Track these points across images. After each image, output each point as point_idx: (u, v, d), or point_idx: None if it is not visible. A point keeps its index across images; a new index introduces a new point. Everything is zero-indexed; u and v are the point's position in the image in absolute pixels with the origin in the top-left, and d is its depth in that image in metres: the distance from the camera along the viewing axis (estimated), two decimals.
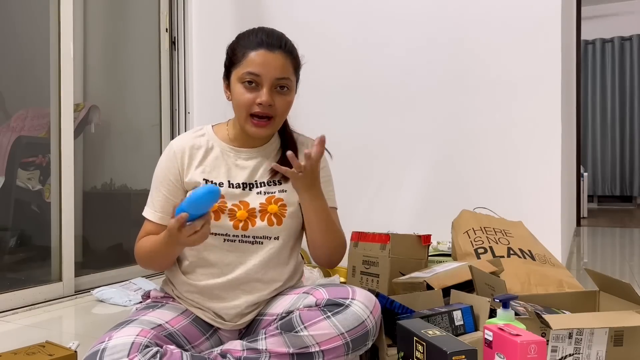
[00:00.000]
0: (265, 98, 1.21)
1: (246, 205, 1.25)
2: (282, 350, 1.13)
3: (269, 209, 1.25)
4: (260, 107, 1.21)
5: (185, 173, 1.28)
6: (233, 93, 1.26)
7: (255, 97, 1.21)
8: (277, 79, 1.22)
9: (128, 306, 2.16)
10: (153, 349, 1.06)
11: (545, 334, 1.14)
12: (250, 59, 1.22)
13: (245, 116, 1.23)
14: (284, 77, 1.23)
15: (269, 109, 1.22)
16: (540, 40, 2.43)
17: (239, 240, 1.25)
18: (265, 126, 1.24)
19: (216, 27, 3.12)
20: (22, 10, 2.65)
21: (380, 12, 2.74)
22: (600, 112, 7.72)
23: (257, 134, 1.25)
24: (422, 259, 1.97)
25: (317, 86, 2.83)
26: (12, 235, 2.49)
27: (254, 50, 1.22)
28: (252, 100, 1.21)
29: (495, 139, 2.51)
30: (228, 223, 1.24)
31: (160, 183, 1.29)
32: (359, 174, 2.76)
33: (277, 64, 1.22)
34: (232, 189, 1.27)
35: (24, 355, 1.34)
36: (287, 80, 1.24)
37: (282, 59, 1.23)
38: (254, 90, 1.22)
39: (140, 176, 2.97)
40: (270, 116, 1.23)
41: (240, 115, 1.25)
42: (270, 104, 1.22)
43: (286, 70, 1.24)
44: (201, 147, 1.30)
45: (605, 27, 7.58)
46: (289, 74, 1.25)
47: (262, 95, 1.21)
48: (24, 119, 2.62)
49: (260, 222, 1.25)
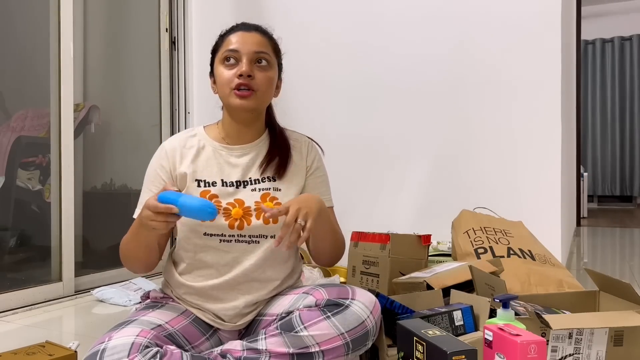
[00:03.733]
0: (245, 68, 1.23)
1: (241, 203, 1.25)
2: (282, 351, 1.13)
3: (264, 206, 1.24)
4: (241, 78, 1.23)
5: (178, 177, 1.27)
6: (217, 77, 1.29)
7: (235, 71, 1.24)
8: (256, 52, 1.25)
9: (128, 306, 2.16)
10: (153, 350, 1.06)
11: (545, 334, 1.14)
12: (229, 40, 1.28)
13: (229, 92, 1.25)
14: (262, 50, 1.27)
15: (250, 80, 1.24)
16: (540, 41, 2.43)
17: (235, 240, 1.24)
18: (248, 96, 1.24)
19: (216, 27, 3.08)
20: (22, 10, 2.65)
21: (381, 12, 2.74)
22: (600, 112, 7.72)
23: (242, 105, 1.25)
24: (422, 259, 1.97)
25: (317, 85, 2.83)
26: (12, 235, 2.49)
27: (232, 33, 1.30)
28: (233, 75, 1.24)
29: (495, 139, 2.51)
30: (223, 223, 1.23)
31: (152, 182, 1.29)
32: (359, 174, 2.76)
33: (254, 40, 1.27)
34: (225, 187, 1.26)
35: (24, 355, 1.34)
36: (265, 55, 1.27)
37: (259, 36, 1.29)
38: (234, 66, 1.25)
39: (140, 176, 2.93)
40: (252, 89, 1.24)
41: (224, 94, 1.27)
42: (249, 74, 1.23)
43: (264, 46, 1.28)
44: (193, 146, 1.30)
45: (605, 27, 7.58)
46: (267, 50, 1.28)
47: (242, 67, 1.24)
48: (24, 119, 2.62)
49: (256, 220, 1.24)
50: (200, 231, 1.24)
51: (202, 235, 1.24)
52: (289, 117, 1.40)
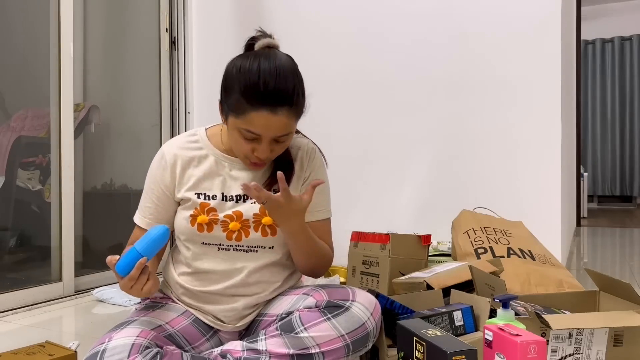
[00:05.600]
0: (264, 156, 1.16)
1: (239, 215, 1.22)
2: (283, 351, 1.12)
3: (263, 220, 1.22)
4: (257, 158, 1.18)
5: (177, 188, 1.25)
6: (230, 132, 1.19)
7: (253, 148, 1.16)
8: (278, 136, 1.15)
9: (128, 306, 2.15)
10: (153, 350, 1.06)
11: (545, 334, 1.14)
12: (250, 119, 1.11)
13: (243, 157, 1.21)
14: (285, 134, 1.16)
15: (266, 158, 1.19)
16: (540, 40, 2.43)
17: (233, 249, 1.23)
18: (262, 166, 1.22)
19: (216, 27, 3.12)
20: (22, 10, 2.65)
21: (381, 12, 2.74)
22: (600, 112, 7.72)
23: (253, 169, 1.24)
24: (422, 259, 1.97)
25: (316, 85, 2.81)
26: (12, 235, 2.49)
27: (254, 110, 1.10)
28: (250, 151, 1.17)
29: (496, 139, 2.51)
30: (221, 234, 1.22)
31: (151, 190, 1.27)
32: (359, 174, 2.76)
33: (280, 124, 1.12)
34: (225, 202, 1.24)
35: (24, 355, 1.34)
36: (287, 136, 1.17)
37: (286, 118, 1.12)
38: (252, 141, 1.15)
39: (140, 176, 2.94)
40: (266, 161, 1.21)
41: (238, 154, 1.21)
42: (267, 156, 1.18)
43: (289, 127, 1.15)
44: (194, 157, 1.26)
45: (605, 27, 7.58)
46: (291, 128, 1.17)
47: (260, 152, 1.15)
48: (24, 119, 2.62)
49: (254, 232, 1.22)
50: (197, 241, 1.23)
51: (201, 244, 1.24)
52: None
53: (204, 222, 1.21)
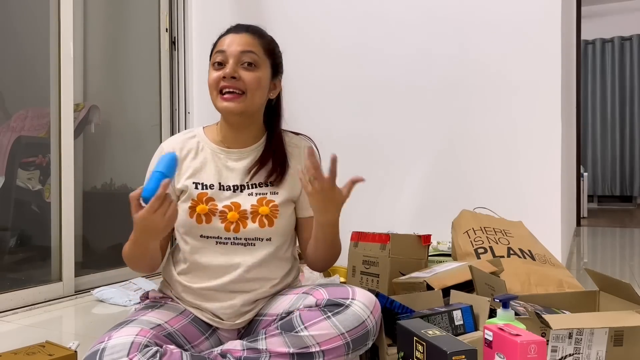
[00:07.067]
0: (229, 70, 1.22)
1: (237, 206, 1.24)
2: (283, 350, 1.13)
3: (260, 210, 1.25)
4: (225, 80, 1.23)
5: (176, 179, 1.27)
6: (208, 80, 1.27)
7: (221, 73, 1.23)
8: (241, 52, 1.24)
9: (128, 306, 2.16)
10: (153, 349, 1.06)
11: (545, 334, 1.14)
12: (219, 42, 1.28)
13: (216, 95, 1.25)
14: (248, 50, 1.25)
15: (235, 82, 1.23)
16: (540, 41, 2.43)
17: (231, 242, 1.24)
18: (233, 99, 1.23)
19: (216, 27, 3.09)
20: (22, 10, 2.65)
21: (381, 13, 2.74)
22: (600, 112, 7.72)
23: (228, 108, 1.24)
24: (422, 259, 1.97)
25: (317, 85, 2.83)
26: (12, 235, 2.49)
27: (223, 36, 1.29)
28: (219, 77, 1.23)
29: (496, 139, 2.51)
30: (219, 225, 1.23)
31: None
32: (359, 174, 2.75)
33: (241, 40, 1.26)
34: (222, 191, 1.26)
35: (24, 355, 1.34)
36: (252, 54, 1.25)
37: (248, 37, 1.27)
38: (221, 68, 1.24)
39: (140, 176, 2.94)
40: (240, 91, 1.23)
41: (212, 96, 1.26)
42: (233, 76, 1.22)
43: (251, 46, 1.25)
44: (191, 149, 1.30)
45: (605, 27, 7.58)
46: (255, 50, 1.26)
47: (226, 71, 1.23)
48: (24, 119, 2.62)
49: (252, 223, 1.24)
50: (196, 233, 1.25)
51: (199, 237, 1.25)
52: (287, 117, 1.40)
53: (203, 212, 1.23)
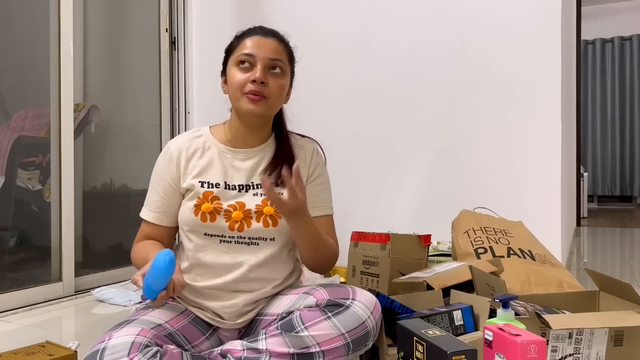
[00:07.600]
0: (259, 74, 1.23)
1: (242, 205, 1.25)
2: (283, 351, 1.13)
3: (264, 210, 1.25)
4: (254, 84, 1.23)
5: (182, 178, 1.28)
6: (229, 78, 1.28)
7: (249, 76, 1.24)
8: (270, 59, 1.25)
9: (128, 306, 2.16)
10: (153, 349, 1.06)
11: (545, 334, 1.14)
12: (245, 43, 1.27)
13: (240, 95, 1.25)
14: (277, 58, 1.26)
15: (262, 87, 1.24)
16: (541, 40, 2.43)
17: (234, 241, 1.25)
18: (259, 101, 1.24)
19: (216, 27, 3.12)
20: (22, 10, 2.65)
21: (381, 12, 2.74)
22: (600, 112, 7.72)
23: (252, 111, 1.25)
24: (422, 259, 1.97)
25: (317, 85, 2.82)
26: (12, 235, 2.49)
27: (248, 36, 1.29)
28: (246, 79, 1.24)
29: (495, 139, 2.51)
30: (224, 224, 1.24)
31: (157, 184, 1.30)
32: (359, 174, 2.76)
33: (270, 46, 1.27)
34: (228, 190, 1.27)
35: (24, 355, 1.34)
36: (279, 62, 1.27)
37: (275, 43, 1.28)
38: (247, 70, 1.25)
39: (140, 176, 2.96)
40: (264, 95, 1.24)
41: (235, 96, 1.26)
42: (263, 81, 1.23)
43: (279, 53, 1.27)
44: (198, 148, 1.31)
45: (605, 27, 7.58)
46: (282, 58, 1.28)
47: (255, 72, 1.23)
48: (24, 119, 2.62)
49: (256, 223, 1.25)
50: (200, 231, 1.25)
51: (203, 235, 1.25)
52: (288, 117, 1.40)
53: (207, 210, 1.24)
